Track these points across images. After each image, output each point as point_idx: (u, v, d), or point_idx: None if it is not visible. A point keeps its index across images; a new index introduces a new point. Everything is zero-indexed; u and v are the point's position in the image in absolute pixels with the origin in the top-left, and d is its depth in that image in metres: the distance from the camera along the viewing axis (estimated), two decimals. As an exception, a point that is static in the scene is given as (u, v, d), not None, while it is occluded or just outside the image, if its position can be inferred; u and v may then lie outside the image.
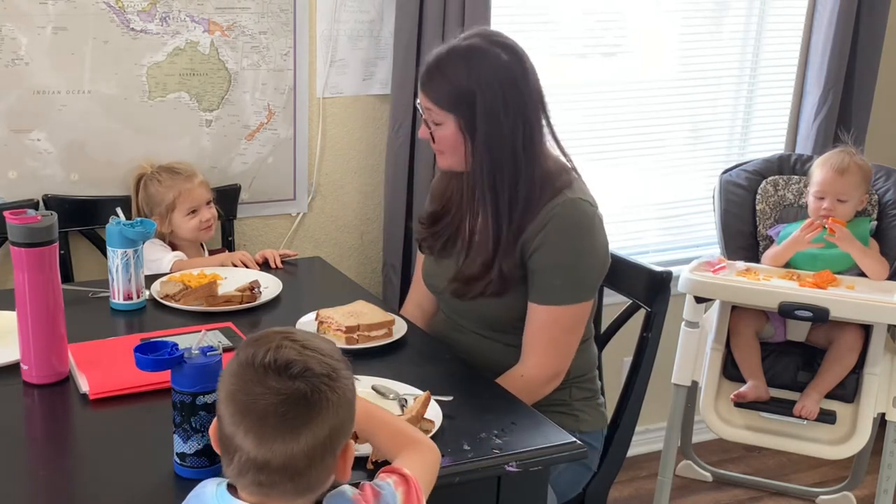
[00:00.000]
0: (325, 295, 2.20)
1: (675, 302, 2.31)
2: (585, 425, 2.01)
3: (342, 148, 2.69)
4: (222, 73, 2.48)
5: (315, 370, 1.16)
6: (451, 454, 1.48)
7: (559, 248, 1.85)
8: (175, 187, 2.35)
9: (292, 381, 1.15)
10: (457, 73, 1.82)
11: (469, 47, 1.85)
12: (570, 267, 1.87)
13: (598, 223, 1.89)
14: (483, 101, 1.81)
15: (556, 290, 1.87)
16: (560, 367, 1.93)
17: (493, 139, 1.83)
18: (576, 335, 1.93)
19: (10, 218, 1.62)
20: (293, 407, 1.14)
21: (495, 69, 1.82)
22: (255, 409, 1.15)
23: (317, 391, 1.15)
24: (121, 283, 2.03)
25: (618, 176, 3.14)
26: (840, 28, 3.03)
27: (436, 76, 1.85)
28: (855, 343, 2.53)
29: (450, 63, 1.84)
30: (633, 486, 3.10)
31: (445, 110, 1.85)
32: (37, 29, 2.29)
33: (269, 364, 1.15)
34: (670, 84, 3.13)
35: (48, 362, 1.68)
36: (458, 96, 1.82)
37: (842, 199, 2.58)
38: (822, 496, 3.02)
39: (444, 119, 1.86)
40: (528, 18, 2.86)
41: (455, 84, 1.82)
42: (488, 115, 1.82)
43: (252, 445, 1.15)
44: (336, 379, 1.18)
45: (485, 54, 1.83)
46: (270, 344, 1.18)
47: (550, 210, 1.85)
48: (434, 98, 1.85)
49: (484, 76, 1.81)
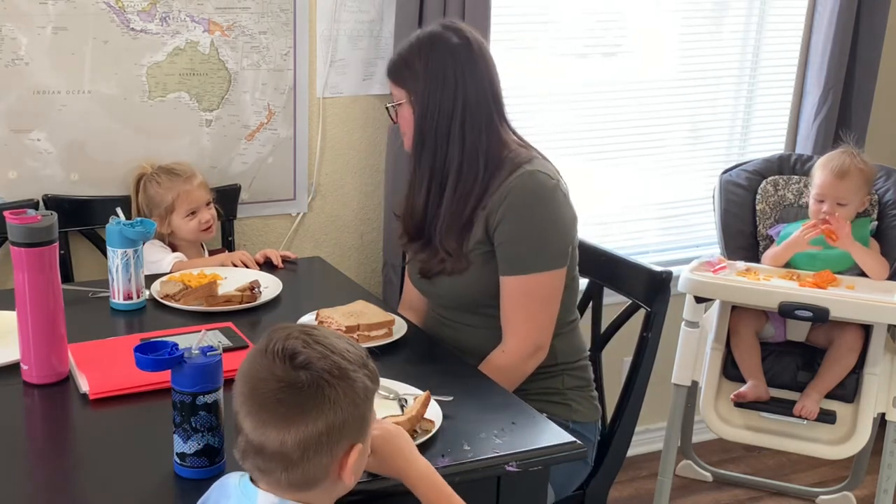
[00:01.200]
0: (325, 295, 2.20)
1: (675, 302, 2.31)
2: (579, 415, 2.03)
3: (342, 148, 2.69)
4: (222, 73, 2.49)
5: (318, 364, 1.18)
6: (451, 454, 1.48)
7: (520, 218, 1.91)
8: (174, 189, 2.35)
9: (295, 370, 1.18)
10: (409, 51, 1.97)
11: (427, 31, 1.99)
12: (534, 235, 1.92)
13: (559, 194, 1.94)
14: (425, 74, 1.93)
15: (522, 259, 1.92)
16: (540, 340, 1.95)
17: (429, 112, 1.94)
18: (551, 305, 1.96)
19: (10, 218, 1.62)
20: (290, 395, 1.17)
21: (442, 48, 1.94)
22: (257, 392, 1.19)
23: (314, 385, 1.17)
24: (121, 283, 2.03)
25: (618, 176, 3.15)
26: (840, 28, 3.03)
27: (395, 58, 2.00)
28: (855, 343, 2.52)
29: (408, 45, 1.98)
30: (633, 486, 3.10)
31: (399, 86, 1.98)
32: (37, 29, 2.29)
33: (277, 352, 1.19)
34: (670, 84, 3.13)
35: (48, 362, 1.68)
36: (407, 70, 1.96)
37: (841, 203, 2.58)
38: (822, 496, 3.02)
39: (400, 96, 1.98)
40: (528, 18, 2.86)
41: (406, 60, 1.96)
42: (428, 88, 1.93)
43: (250, 427, 1.19)
44: (340, 378, 1.19)
45: (437, 36, 1.96)
46: (286, 332, 1.22)
47: (510, 182, 1.92)
48: (391, 76, 2.00)
49: (430, 53, 1.94)
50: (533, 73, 2.90)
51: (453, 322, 2.06)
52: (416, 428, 1.50)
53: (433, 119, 1.94)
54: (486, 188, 1.94)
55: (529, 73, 2.89)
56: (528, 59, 2.89)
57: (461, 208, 1.95)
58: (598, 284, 2.27)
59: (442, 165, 1.96)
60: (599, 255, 2.25)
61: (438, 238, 1.99)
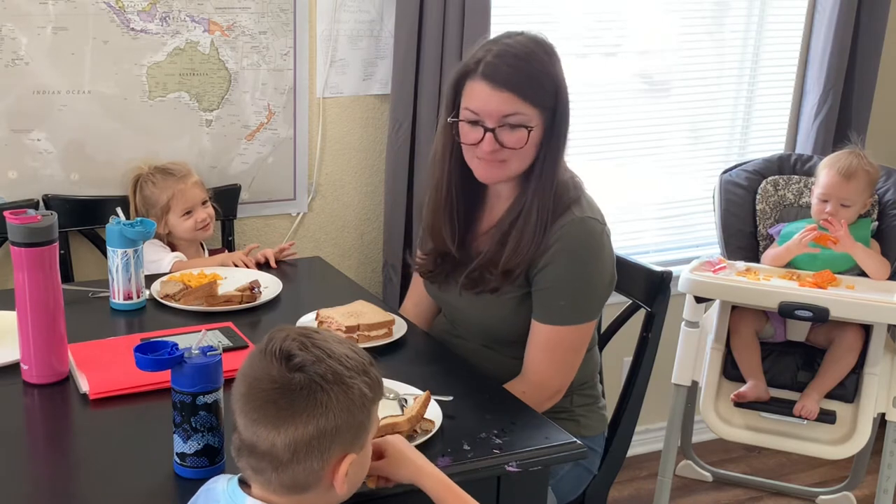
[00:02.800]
0: (325, 295, 2.20)
1: (675, 302, 2.31)
2: (586, 430, 2.00)
3: (342, 148, 2.69)
4: (222, 73, 2.49)
5: (312, 368, 1.18)
6: (451, 454, 1.48)
7: (566, 269, 1.82)
8: (169, 188, 2.35)
9: (290, 372, 1.18)
10: (545, 68, 1.77)
11: (541, 43, 1.79)
12: (577, 288, 1.84)
13: (605, 241, 1.86)
14: (563, 100, 1.79)
15: (561, 311, 1.84)
16: (562, 385, 1.90)
17: (560, 144, 1.80)
18: (579, 354, 1.91)
19: (10, 218, 1.62)
20: (282, 396, 1.17)
21: (556, 61, 1.79)
22: (252, 391, 1.19)
23: (307, 388, 1.17)
24: (121, 282, 2.03)
25: (618, 176, 3.15)
26: (840, 28, 3.03)
27: (524, 69, 1.75)
28: (855, 343, 2.52)
29: (535, 57, 1.76)
30: (633, 486, 3.10)
31: (537, 108, 1.77)
32: (37, 29, 2.29)
33: (275, 352, 1.19)
34: (670, 84, 3.13)
35: (48, 362, 1.68)
36: (549, 92, 1.77)
37: (845, 204, 2.57)
38: (822, 496, 3.02)
39: (532, 120, 1.77)
40: (528, 18, 2.86)
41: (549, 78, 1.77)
42: (563, 117, 1.79)
43: (243, 425, 1.20)
44: (335, 382, 1.18)
45: (542, 46, 1.78)
46: (285, 334, 1.21)
47: (559, 229, 1.81)
48: (525, 93, 1.75)
49: (562, 75, 1.79)
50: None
51: (470, 339, 2.00)
52: (416, 428, 1.50)
53: (560, 140, 1.79)
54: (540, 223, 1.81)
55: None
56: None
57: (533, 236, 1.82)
58: (598, 284, 2.27)
59: (551, 192, 1.80)
60: (599, 255, 2.24)
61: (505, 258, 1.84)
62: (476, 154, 1.82)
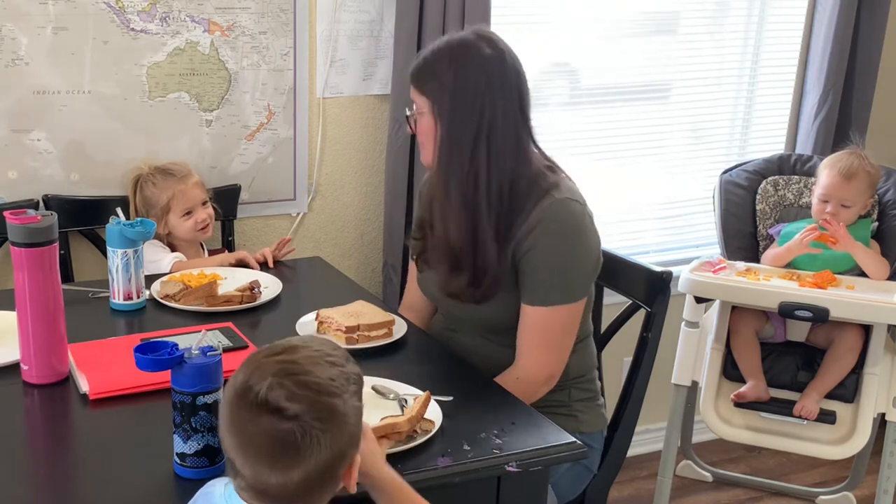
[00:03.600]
0: (325, 295, 2.19)
1: (675, 302, 2.31)
2: (585, 426, 2.01)
3: (342, 148, 2.69)
4: (222, 73, 2.49)
5: (306, 416, 1.15)
6: (451, 454, 1.48)
7: (550, 250, 1.85)
8: (169, 189, 2.35)
9: (284, 422, 1.14)
10: (439, 59, 1.86)
11: (457, 38, 1.88)
12: (562, 268, 1.86)
13: (588, 221, 1.89)
14: (454, 87, 1.82)
15: (547, 292, 1.87)
16: (556, 368, 1.92)
17: (455, 129, 1.84)
18: (570, 335, 1.93)
19: (10, 218, 1.62)
20: (285, 449, 1.15)
21: (474, 58, 1.84)
22: (250, 445, 1.16)
23: (307, 435, 1.15)
24: (121, 283, 2.03)
25: (618, 176, 3.14)
26: (840, 28, 3.03)
27: (422, 64, 1.88)
28: (855, 343, 2.52)
29: (436, 50, 1.87)
30: (633, 486, 3.09)
31: (423, 95, 1.87)
32: (37, 29, 2.29)
33: (262, 403, 1.15)
34: (670, 84, 3.13)
35: (48, 362, 1.68)
36: (433, 79, 1.85)
37: (846, 205, 2.57)
38: (822, 496, 3.02)
39: (422, 105, 1.88)
40: (528, 18, 2.86)
41: (435, 68, 1.85)
42: (456, 103, 1.83)
43: (250, 475, 1.18)
44: (329, 419, 1.16)
45: (469, 44, 1.85)
46: (264, 381, 1.16)
47: (539, 212, 1.85)
48: (416, 83, 1.88)
49: (462, 62, 1.83)
50: (533, 73, 2.90)
51: (467, 333, 2.02)
52: (416, 428, 1.50)
53: (459, 138, 1.83)
54: (514, 214, 1.86)
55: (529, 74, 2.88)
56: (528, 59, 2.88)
57: (497, 233, 1.86)
58: (598, 284, 2.27)
59: (473, 188, 1.84)
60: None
61: (481, 264, 1.87)
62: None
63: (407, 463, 1.45)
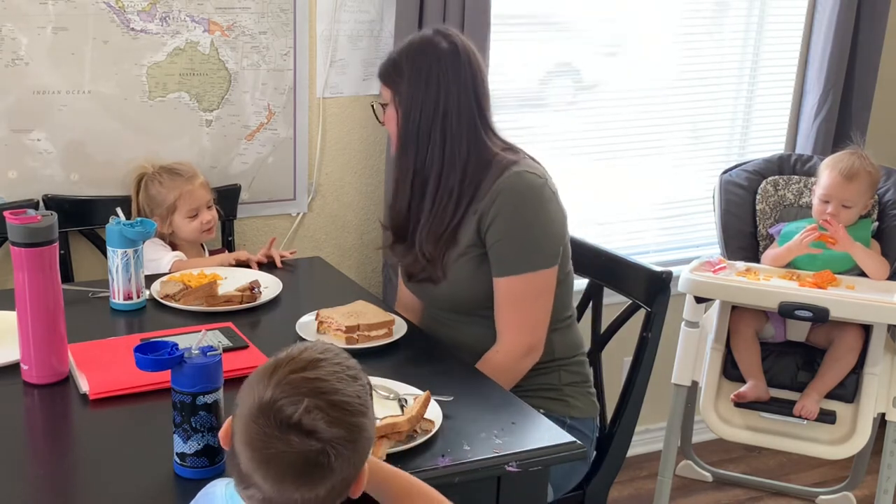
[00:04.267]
0: (325, 295, 2.20)
1: (675, 302, 2.31)
2: (576, 411, 2.03)
3: (342, 148, 2.69)
4: (222, 73, 2.49)
5: (339, 438, 1.13)
6: (451, 454, 1.48)
7: (509, 219, 1.92)
8: (176, 189, 2.34)
9: (315, 442, 1.12)
10: (399, 53, 2.00)
11: (419, 35, 2.01)
12: (523, 235, 1.93)
13: (547, 193, 1.95)
14: (409, 76, 1.95)
15: (512, 261, 1.93)
16: (533, 340, 1.96)
17: (411, 113, 1.95)
18: (543, 304, 1.97)
19: (10, 218, 1.62)
20: (314, 468, 1.13)
21: (429, 52, 1.95)
22: (275, 462, 1.12)
23: (340, 456, 1.13)
24: (121, 283, 2.03)
25: (618, 176, 3.14)
26: (840, 28, 3.03)
27: (386, 60, 2.02)
28: (855, 343, 2.52)
29: (401, 48, 2.01)
30: (633, 486, 3.10)
31: (386, 87, 2.00)
32: (37, 29, 2.29)
33: (296, 425, 1.11)
34: (670, 84, 3.13)
35: (48, 362, 1.68)
36: (394, 71, 1.98)
37: (847, 205, 2.57)
38: (822, 496, 3.02)
39: (386, 96, 2.00)
40: (528, 18, 2.86)
41: (395, 61, 1.99)
42: (411, 90, 1.95)
43: (270, 489, 1.14)
44: (358, 439, 1.16)
45: (427, 40, 1.98)
46: (300, 403, 1.12)
47: (498, 185, 1.93)
48: (381, 76, 2.02)
49: (417, 55, 1.96)
50: (533, 73, 2.90)
51: (449, 321, 2.07)
52: (416, 428, 1.50)
53: (415, 122, 1.95)
54: (472, 194, 1.95)
55: (529, 74, 2.90)
56: (528, 59, 2.89)
57: (442, 216, 1.97)
58: (598, 284, 2.28)
59: (422, 168, 1.98)
60: (599, 255, 2.25)
61: (419, 243, 2.01)
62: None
63: (407, 463, 1.45)
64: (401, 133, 1.98)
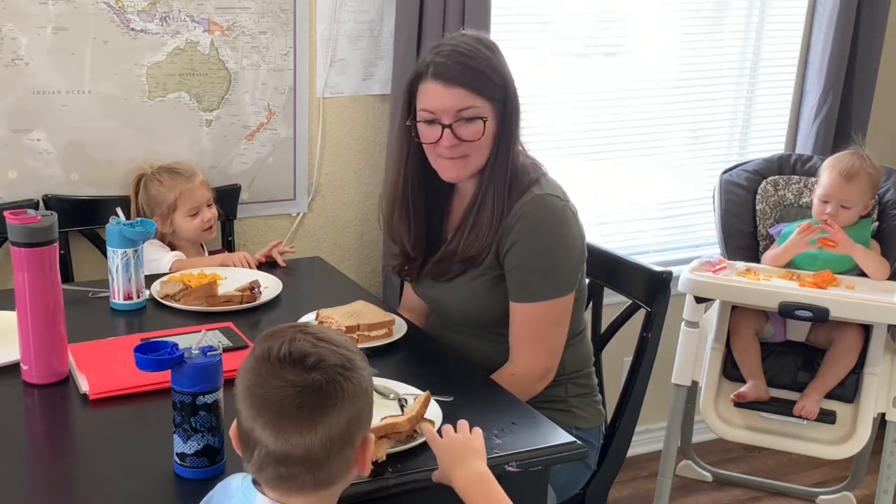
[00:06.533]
0: (325, 295, 2.20)
1: (675, 302, 2.31)
2: (582, 422, 2.01)
3: (342, 148, 2.69)
4: (222, 73, 2.49)
5: (329, 361, 1.17)
6: (451, 454, 1.48)
7: (531, 245, 1.86)
8: (176, 188, 2.35)
9: (308, 372, 1.16)
10: (490, 63, 1.84)
11: (475, 36, 1.89)
12: (544, 263, 1.88)
13: (569, 216, 1.90)
14: (511, 91, 1.86)
15: (533, 287, 1.88)
16: (550, 364, 1.93)
17: (512, 133, 1.87)
18: (561, 330, 1.94)
19: (10, 218, 1.62)
20: (310, 398, 1.15)
21: (495, 49, 1.87)
22: (272, 402, 1.16)
23: (332, 382, 1.16)
24: (121, 283, 2.03)
25: (618, 176, 3.14)
26: (840, 28, 3.03)
27: (471, 66, 1.83)
28: (855, 343, 2.53)
29: (480, 54, 1.84)
30: (633, 486, 3.10)
31: (488, 101, 1.84)
32: (37, 29, 2.29)
33: (285, 357, 1.17)
34: (670, 84, 3.13)
35: (48, 362, 1.68)
36: (498, 84, 1.84)
37: (846, 206, 2.57)
38: (822, 496, 3.02)
39: (485, 111, 1.85)
40: (528, 18, 2.86)
41: (496, 72, 1.84)
42: (511, 96, 1.86)
43: (271, 438, 1.16)
44: (351, 369, 1.19)
45: (483, 41, 1.88)
46: (284, 337, 1.19)
47: (519, 208, 1.87)
48: (476, 87, 1.83)
49: (502, 59, 1.87)
50: (533, 73, 2.90)
51: (462, 331, 2.03)
52: (417, 428, 1.50)
53: (512, 129, 1.86)
54: (503, 205, 1.88)
55: (529, 73, 2.89)
56: (529, 59, 2.89)
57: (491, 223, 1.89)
58: (598, 284, 2.27)
59: (505, 177, 1.87)
60: (599, 255, 2.24)
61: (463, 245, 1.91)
62: (438, 153, 1.89)
63: (407, 463, 1.45)
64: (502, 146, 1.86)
